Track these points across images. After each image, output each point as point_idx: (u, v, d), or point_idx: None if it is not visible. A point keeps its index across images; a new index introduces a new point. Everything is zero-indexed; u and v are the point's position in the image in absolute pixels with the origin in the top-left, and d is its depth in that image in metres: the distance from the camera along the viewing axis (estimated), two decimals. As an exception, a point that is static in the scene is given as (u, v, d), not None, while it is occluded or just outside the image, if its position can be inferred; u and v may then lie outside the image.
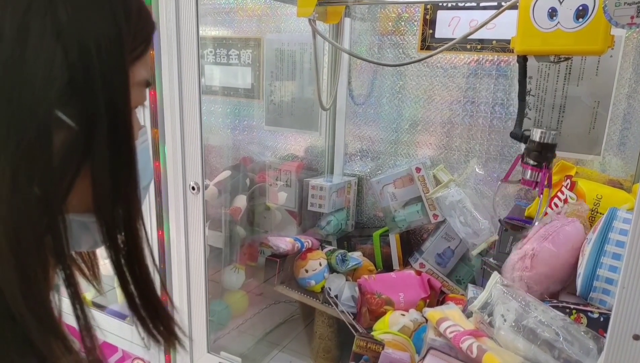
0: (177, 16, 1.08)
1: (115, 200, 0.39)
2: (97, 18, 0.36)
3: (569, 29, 0.92)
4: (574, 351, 0.87)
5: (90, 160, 0.37)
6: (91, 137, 0.36)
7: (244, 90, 1.76)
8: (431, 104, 1.47)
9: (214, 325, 1.41)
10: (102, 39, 0.36)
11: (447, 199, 1.33)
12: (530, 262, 1.02)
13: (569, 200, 1.17)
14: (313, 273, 1.39)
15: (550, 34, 0.94)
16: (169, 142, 1.17)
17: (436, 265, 1.41)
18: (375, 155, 1.61)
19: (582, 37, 0.91)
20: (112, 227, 0.40)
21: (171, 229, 1.23)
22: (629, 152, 1.23)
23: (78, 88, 0.35)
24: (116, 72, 0.37)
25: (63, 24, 0.34)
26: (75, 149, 0.36)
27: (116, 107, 0.38)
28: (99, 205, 0.39)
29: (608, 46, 0.92)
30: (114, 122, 0.37)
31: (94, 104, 0.36)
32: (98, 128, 0.36)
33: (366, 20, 1.53)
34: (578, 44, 0.93)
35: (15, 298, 0.34)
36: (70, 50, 0.34)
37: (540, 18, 0.94)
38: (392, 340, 1.12)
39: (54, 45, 0.34)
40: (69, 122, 0.35)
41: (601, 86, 1.20)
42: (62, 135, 0.35)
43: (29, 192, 0.34)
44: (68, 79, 0.34)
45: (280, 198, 1.65)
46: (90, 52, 0.35)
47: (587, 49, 0.94)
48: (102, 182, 0.38)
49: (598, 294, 0.94)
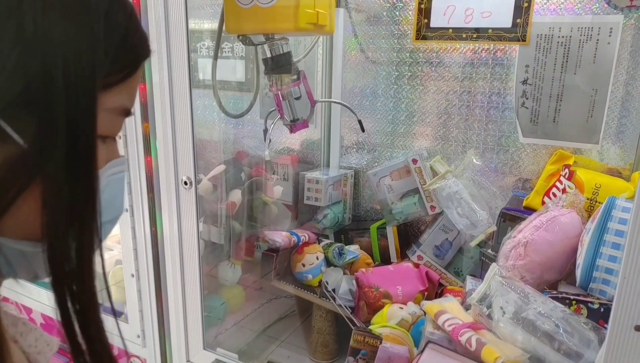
0: (166, 8, 1.06)
1: (66, 232, 0.35)
2: (71, 29, 0.33)
3: (264, 4, 0.89)
4: (574, 342, 0.86)
5: (39, 183, 0.33)
6: (45, 159, 0.33)
7: (237, 83, 1.74)
8: (427, 95, 1.45)
9: (210, 321, 1.40)
10: (71, 53, 0.33)
11: (444, 191, 1.31)
12: (523, 250, 1.01)
13: (568, 189, 1.15)
14: (310, 267, 1.38)
15: (248, 10, 0.91)
16: (160, 136, 1.15)
17: (434, 257, 1.40)
18: (371, 148, 1.60)
19: (276, 13, 0.89)
20: (60, 262, 0.35)
21: (164, 225, 1.21)
22: (627, 141, 1.22)
23: (33, 102, 0.32)
24: (82, 93, 0.34)
25: (27, 30, 0.31)
26: (19, 167, 0.33)
27: (78, 130, 0.34)
28: (47, 234, 0.34)
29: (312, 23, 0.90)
30: (74, 146, 0.34)
31: (51, 123, 0.32)
32: (55, 150, 0.33)
33: (360, 10, 1.51)
34: (273, 21, 0.90)
35: None
36: (29, 59, 0.31)
37: None
38: (390, 333, 1.11)
39: (8, 50, 0.31)
40: (15, 137, 0.32)
41: (599, 74, 1.19)
42: (7, 150, 0.32)
43: None
44: (20, 90, 0.31)
45: (277, 192, 1.63)
46: (54, 65, 0.32)
47: (281, 27, 0.91)
48: (52, 209, 0.34)
49: (598, 284, 0.93)
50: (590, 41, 1.18)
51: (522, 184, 1.37)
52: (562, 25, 1.20)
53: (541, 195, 1.23)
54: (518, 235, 1.04)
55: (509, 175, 1.38)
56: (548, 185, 1.23)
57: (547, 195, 1.22)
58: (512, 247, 1.04)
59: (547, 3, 1.22)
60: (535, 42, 1.24)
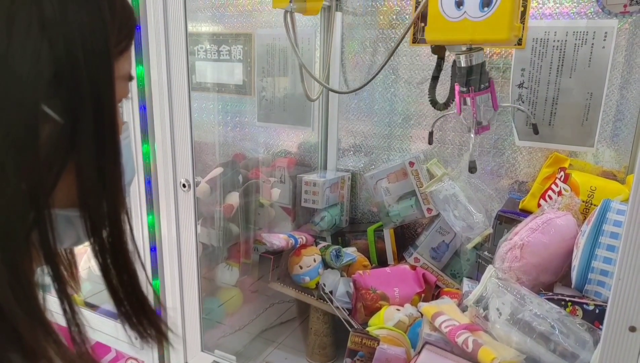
0: (165, 11, 1.06)
1: (101, 194, 0.39)
2: (83, 11, 0.36)
3: (475, 18, 0.93)
4: (570, 343, 0.86)
5: (76, 153, 0.37)
6: (76, 131, 0.36)
7: (235, 86, 1.74)
8: (424, 98, 1.46)
9: (208, 323, 1.40)
10: (87, 32, 0.36)
11: (441, 193, 1.32)
12: (519, 252, 1.02)
13: (563, 192, 1.16)
14: (307, 270, 1.38)
15: (457, 23, 0.95)
16: (159, 139, 1.15)
17: (431, 260, 1.41)
18: (368, 150, 1.60)
19: (488, 25, 0.92)
20: (97, 221, 0.40)
21: (162, 227, 1.22)
22: (622, 143, 1.23)
23: (64, 81, 0.35)
24: (102, 65, 0.37)
25: (48, 17, 0.34)
26: (61, 142, 0.36)
27: (101, 100, 0.37)
28: (85, 199, 0.39)
29: (515, 35, 0.93)
30: (100, 115, 0.37)
31: (79, 97, 0.36)
32: (83, 122, 0.36)
33: (358, 14, 1.51)
34: (485, 33, 0.94)
35: (4, 291, 0.34)
36: (55, 44, 0.34)
37: (448, 7, 0.96)
38: (388, 335, 1.11)
39: (39, 38, 0.33)
40: (54, 115, 0.35)
41: (594, 78, 1.20)
42: (48, 129, 0.35)
43: (16, 185, 0.34)
44: (54, 72, 0.34)
45: (274, 195, 1.64)
46: (75, 45, 0.35)
47: (493, 38, 0.95)
48: (87, 175, 0.38)
49: (593, 286, 0.94)
50: (585, 45, 1.19)
51: (518, 187, 1.38)
52: (557, 29, 1.21)
53: (537, 197, 1.24)
54: (514, 238, 1.05)
55: (505, 177, 1.39)
56: (544, 187, 1.24)
57: (542, 197, 1.23)
58: (508, 249, 1.05)
59: (543, 8, 1.23)
60: (531, 46, 1.25)
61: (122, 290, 0.43)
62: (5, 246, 0.34)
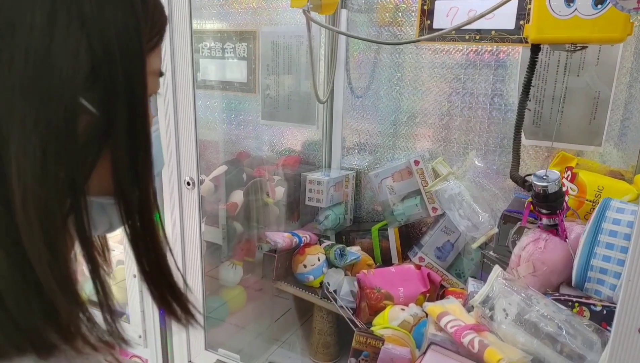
0: (170, 9, 1.06)
1: (134, 182, 0.41)
2: (118, 9, 0.38)
3: (587, 15, 0.88)
4: (577, 345, 0.86)
5: (110, 144, 0.39)
6: (111, 122, 0.38)
7: (239, 84, 1.74)
8: (429, 96, 1.45)
9: (212, 322, 1.40)
10: (122, 29, 0.38)
11: (446, 192, 1.31)
12: (544, 244, 1.01)
13: (570, 191, 1.15)
14: (311, 269, 1.38)
15: (567, 21, 0.90)
16: (164, 137, 1.15)
17: (436, 259, 1.40)
18: (373, 149, 1.60)
19: (601, 24, 0.87)
20: (130, 208, 0.42)
21: (167, 225, 1.21)
22: (629, 143, 1.22)
23: (100, 76, 0.37)
24: (135, 60, 0.39)
25: (87, 15, 0.36)
26: (96, 133, 0.38)
27: (134, 94, 0.39)
28: (119, 187, 0.41)
29: (627, 34, 0.88)
30: (133, 108, 0.39)
31: (114, 91, 0.38)
32: (118, 114, 0.38)
33: (363, 11, 1.51)
34: (597, 32, 0.88)
35: (44, 270, 0.36)
36: (93, 40, 0.36)
37: (557, 5, 0.90)
38: (392, 335, 1.11)
39: (79, 34, 0.35)
40: (91, 108, 0.37)
41: (602, 76, 1.19)
42: (85, 121, 0.37)
43: (56, 171, 0.36)
44: (91, 67, 0.36)
45: (278, 193, 1.63)
46: (111, 41, 0.37)
47: (606, 37, 0.90)
48: (121, 164, 0.40)
49: (593, 284, 0.94)
50: (593, 43, 1.18)
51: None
52: (565, 27, 1.20)
53: (543, 197, 1.23)
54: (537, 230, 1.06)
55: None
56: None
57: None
58: (531, 241, 1.05)
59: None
60: (538, 44, 1.24)
61: (154, 274, 0.46)
62: (47, 228, 0.36)
